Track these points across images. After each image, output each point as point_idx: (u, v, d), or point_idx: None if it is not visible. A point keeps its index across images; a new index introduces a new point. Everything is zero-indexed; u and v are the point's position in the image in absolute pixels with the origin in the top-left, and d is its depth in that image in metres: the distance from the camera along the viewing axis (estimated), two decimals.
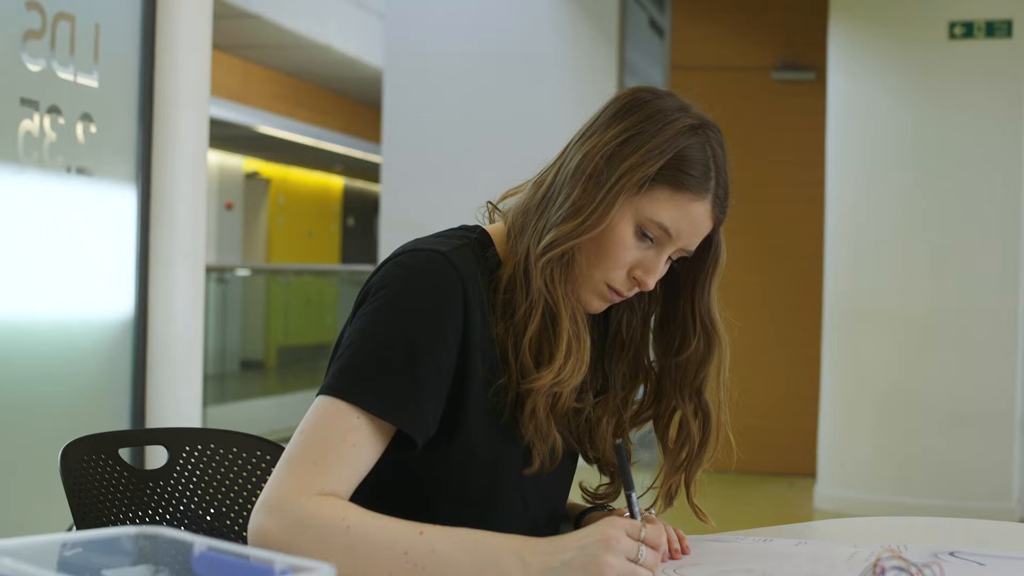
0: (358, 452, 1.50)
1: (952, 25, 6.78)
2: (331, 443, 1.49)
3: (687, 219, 1.64)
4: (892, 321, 6.92)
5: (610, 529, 1.42)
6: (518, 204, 1.73)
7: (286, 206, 17.95)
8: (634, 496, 1.58)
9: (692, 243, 1.68)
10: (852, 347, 7.05)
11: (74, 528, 2.14)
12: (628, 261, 1.65)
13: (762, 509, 6.96)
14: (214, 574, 1.08)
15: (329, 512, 1.44)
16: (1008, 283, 6.76)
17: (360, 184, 19.73)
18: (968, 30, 6.76)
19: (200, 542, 1.09)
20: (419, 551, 1.42)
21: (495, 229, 1.74)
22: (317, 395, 1.54)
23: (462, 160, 8.30)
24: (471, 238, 1.69)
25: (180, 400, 3.82)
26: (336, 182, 19.65)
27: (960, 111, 6.82)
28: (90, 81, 3.52)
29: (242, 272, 12.23)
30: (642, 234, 1.64)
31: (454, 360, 1.58)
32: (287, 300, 12.74)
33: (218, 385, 10.36)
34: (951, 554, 1.64)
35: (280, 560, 1.04)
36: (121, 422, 3.69)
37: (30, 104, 3.30)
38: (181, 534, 1.11)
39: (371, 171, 16.13)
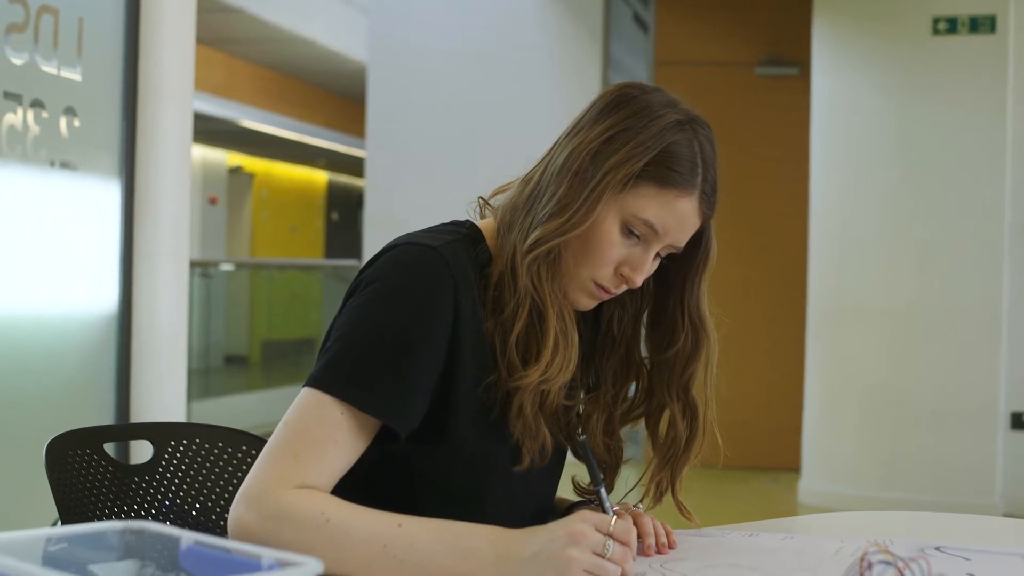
0: (340, 446, 1.50)
1: (936, 21, 6.79)
2: (313, 436, 1.49)
3: (673, 216, 1.64)
4: (877, 317, 6.94)
5: (578, 523, 1.42)
6: (506, 201, 1.73)
7: (270, 200, 17.91)
8: (603, 491, 1.59)
9: (680, 240, 1.67)
10: (837, 343, 7.06)
11: (59, 523, 2.14)
12: (615, 258, 1.65)
13: (747, 504, 6.97)
14: (201, 568, 1.08)
15: (308, 505, 1.44)
16: (992, 279, 6.77)
17: (344, 179, 19.70)
18: (952, 26, 6.77)
19: (187, 536, 1.08)
20: (398, 544, 1.42)
21: (486, 224, 1.74)
22: (303, 387, 1.54)
23: (446, 156, 8.30)
24: (462, 233, 1.69)
25: (164, 395, 3.81)
26: (320, 177, 19.61)
27: (944, 107, 6.83)
28: (73, 75, 3.51)
29: (226, 267, 12.21)
30: (628, 231, 1.64)
31: (443, 355, 1.58)
32: (271, 295, 12.70)
33: (202, 380, 10.33)
34: (937, 549, 1.65)
35: (267, 554, 1.03)
36: (106, 417, 3.68)
37: (13, 98, 3.29)
38: (168, 528, 1.10)
39: (355, 166, 16.10)
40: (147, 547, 1.12)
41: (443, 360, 1.58)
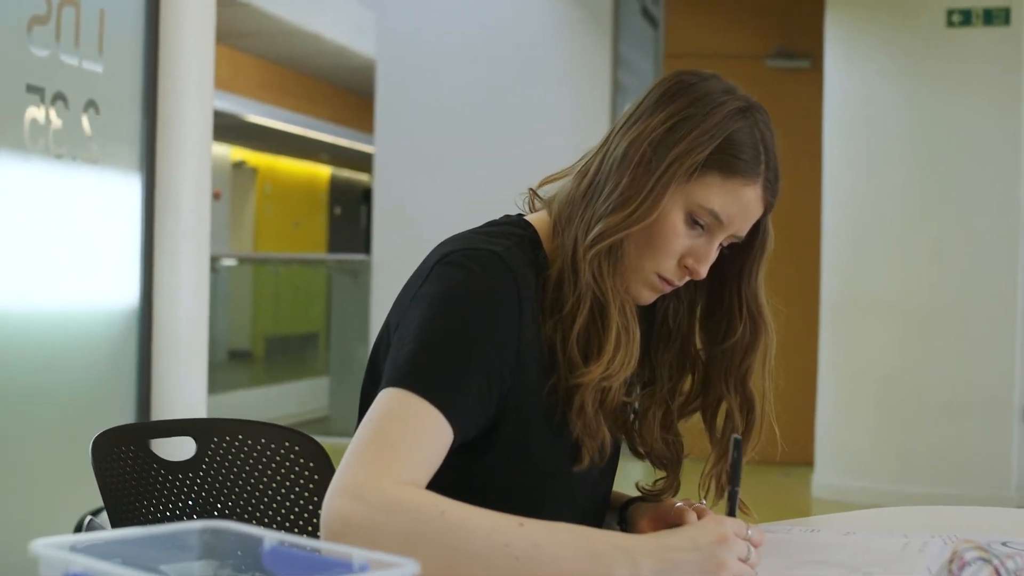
0: (429, 440, 1.43)
1: (950, 12, 6.77)
2: (403, 430, 1.42)
3: (738, 204, 1.61)
4: (890, 310, 6.91)
5: (721, 528, 1.40)
6: (563, 195, 1.68)
7: (273, 195, 17.88)
8: (739, 493, 1.53)
9: (743, 229, 1.65)
10: (851, 336, 7.04)
11: (89, 518, 2.12)
12: (679, 250, 1.62)
13: (759, 498, 6.88)
14: (285, 569, 1.04)
15: (420, 498, 1.36)
16: (1007, 271, 6.75)
17: (347, 173, 19.67)
18: (966, 17, 6.74)
19: (270, 536, 1.05)
20: (521, 543, 1.34)
21: (540, 221, 1.70)
22: (383, 388, 1.48)
23: (455, 151, 8.28)
24: (522, 236, 1.65)
25: (186, 390, 3.79)
26: (323, 171, 19.58)
27: (958, 99, 6.80)
28: (95, 68, 3.48)
29: (229, 262, 12.17)
30: (693, 221, 1.61)
31: (508, 360, 1.54)
32: (275, 290, 12.68)
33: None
34: (1003, 544, 1.62)
35: (358, 554, 1.00)
36: (127, 412, 3.65)
37: (36, 91, 3.26)
38: (249, 528, 1.07)
39: (357, 160, 16.06)
40: (226, 547, 1.09)
41: (509, 365, 1.54)
